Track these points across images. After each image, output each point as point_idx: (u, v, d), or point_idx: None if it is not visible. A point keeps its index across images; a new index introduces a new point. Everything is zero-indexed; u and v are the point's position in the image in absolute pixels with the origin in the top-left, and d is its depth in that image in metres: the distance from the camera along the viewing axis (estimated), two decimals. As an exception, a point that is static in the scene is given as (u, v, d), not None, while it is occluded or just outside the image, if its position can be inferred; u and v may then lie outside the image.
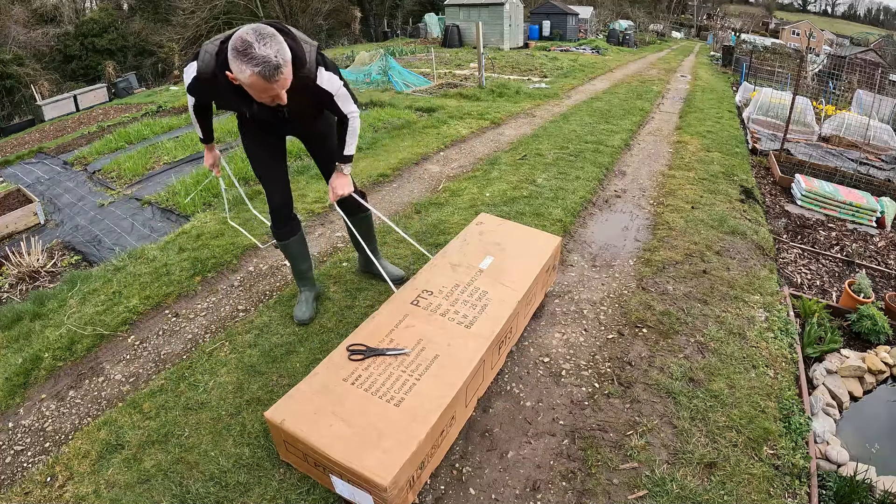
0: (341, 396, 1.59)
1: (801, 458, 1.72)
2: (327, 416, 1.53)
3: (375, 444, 1.45)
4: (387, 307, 1.99)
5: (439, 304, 1.99)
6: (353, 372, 1.68)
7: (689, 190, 4.19)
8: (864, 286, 2.69)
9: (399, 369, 1.69)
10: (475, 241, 2.41)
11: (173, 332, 2.48)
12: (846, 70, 11.92)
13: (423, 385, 1.63)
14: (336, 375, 1.67)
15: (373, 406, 1.56)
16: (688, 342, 2.32)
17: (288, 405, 1.57)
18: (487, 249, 2.34)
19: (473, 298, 2.04)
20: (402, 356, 1.74)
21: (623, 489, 1.63)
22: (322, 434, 1.47)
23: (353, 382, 1.64)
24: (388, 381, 1.65)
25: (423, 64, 12.44)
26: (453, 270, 2.20)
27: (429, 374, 1.68)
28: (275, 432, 1.60)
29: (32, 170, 6.34)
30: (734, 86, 11.78)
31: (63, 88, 18.55)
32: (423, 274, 2.18)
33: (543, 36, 23.09)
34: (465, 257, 2.28)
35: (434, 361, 1.73)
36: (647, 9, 48.98)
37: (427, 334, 1.84)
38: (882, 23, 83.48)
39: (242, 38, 1.51)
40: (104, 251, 3.57)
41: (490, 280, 2.14)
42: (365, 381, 1.65)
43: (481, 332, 1.87)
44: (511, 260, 2.28)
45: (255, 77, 1.53)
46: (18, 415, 2.05)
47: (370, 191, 4.20)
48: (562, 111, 7.40)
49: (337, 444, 1.45)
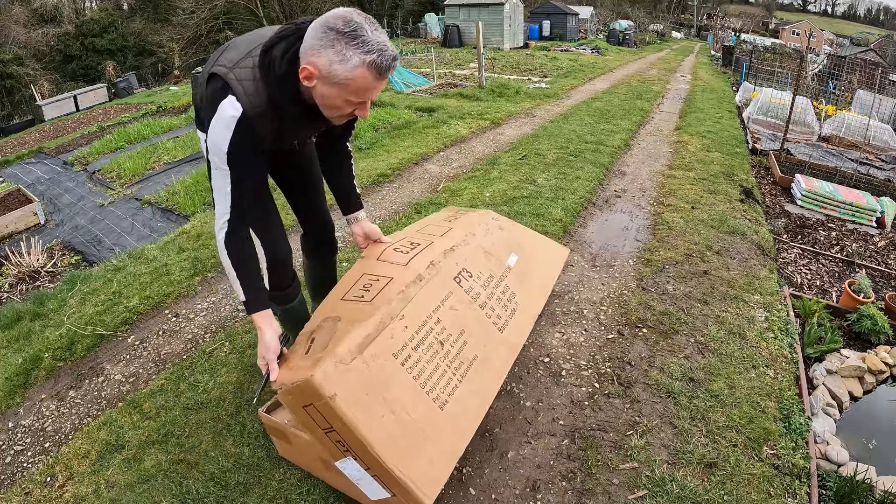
0: (390, 378, 1.37)
1: (801, 458, 1.71)
2: (379, 404, 1.31)
3: (420, 450, 1.31)
4: (436, 277, 1.70)
5: (478, 292, 1.77)
6: (404, 348, 1.44)
7: (689, 190, 4.19)
8: (864, 286, 2.69)
9: (445, 361, 1.51)
10: (498, 234, 2.11)
11: (173, 332, 2.48)
12: (846, 70, 11.92)
13: (463, 390, 1.49)
14: (388, 346, 1.42)
15: (421, 403, 1.39)
16: (688, 342, 2.32)
17: (342, 376, 1.28)
18: (511, 247, 2.08)
19: (505, 298, 1.84)
20: (446, 351, 1.53)
21: (623, 489, 1.63)
22: (373, 426, 1.27)
23: (402, 362, 1.42)
24: (434, 374, 1.46)
25: (423, 64, 12.44)
26: (486, 258, 1.92)
27: (468, 378, 1.53)
28: (300, 397, 1.29)
29: (32, 170, 6.34)
30: (734, 86, 11.78)
31: (63, 88, 18.56)
32: (462, 249, 1.87)
33: (543, 36, 23.10)
34: (495, 247, 2.01)
35: (473, 363, 1.57)
36: (647, 9, 49.00)
37: (468, 326, 1.64)
38: (882, 23, 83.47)
39: (345, 17, 1.12)
40: (104, 251, 3.57)
41: (516, 281, 1.94)
42: (415, 366, 1.43)
43: (510, 339, 1.72)
44: (531, 264, 2.08)
45: (363, 70, 1.12)
46: (18, 415, 2.05)
47: (370, 191, 4.20)
48: (562, 111, 7.40)
49: (388, 442, 1.27)
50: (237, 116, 1.19)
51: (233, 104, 1.19)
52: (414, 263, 1.68)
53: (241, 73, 1.21)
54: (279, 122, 1.27)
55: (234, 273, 1.34)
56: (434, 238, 1.89)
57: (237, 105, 1.19)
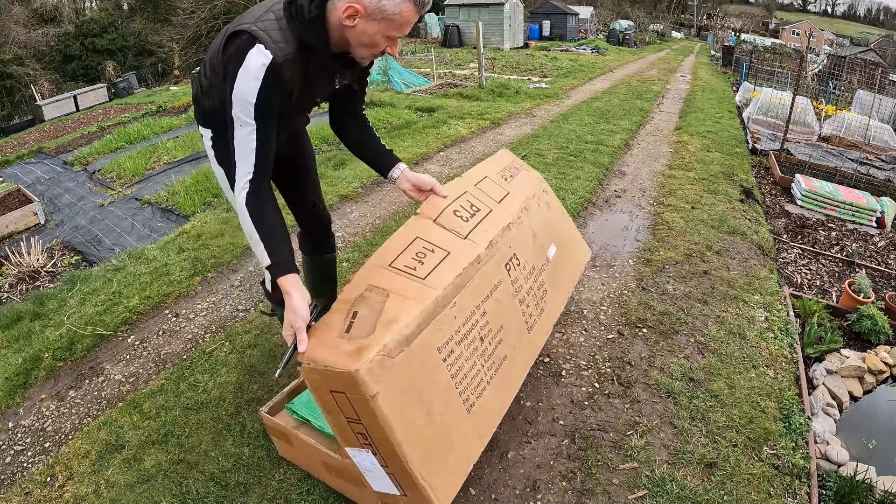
0: (430, 376, 1.26)
1: (801, 458, 1.71)
2: (415, 404, 1.22)
3: (444, 456, 1.24)
4: (492, 261, 1.57)
5: (521, 284, 1.62)
6: (448, 342, 1.32)
7: (689, 190, 4.19)
8: (864, 286, 2.69)
9: (481, 360, 1.41)
10: (545, 214, 1.90)
11: (173, 332, 2.48)
12: (846, 70, 11.92)
13: (490, 393, 1.41)
14: (434, 339, 1.28)
15: (452, 405, 1.30)
16: (688, 342, 2.32)
17: (386, 373, 1.15)
18: (553, 234, 1.90)
19: (539, 295, 1.70)
20: (484, 348, 1.42)
21: (623, 489, 1.63)
22: (408, 429, 1.18)
23: (445, 358, 1.31)
24: (469, 373, 1.36)
25: (423, 64, 12.44)
26: (533, 244, 1.75)
27: (496, 380, 1.43)
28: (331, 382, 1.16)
29: (32, 170, 6.34)
30: (734, 86, 11.78)
31: (63, 88, 18.57)
32: (517, 230, 1.69)
33: (543, 36, 23.11)
34: (541, 232, 1.82)
35: (502, 364, 1.47)
36: (647, 9, 49.01)
37: (506, 322, 1.53)
38: (882, 23, 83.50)
39: None
40: (104, 251, 3.57)
41: (550, 277, 1.79)
42: (454, 363, 1.32)
43: (535, 341, 1.63)
44: (564, 259, 1.91)
45: (409, 4, 1.19)
46: (18, 415, 2.05)
47: (370, 190, 4.20)
48: (562, 111, 7.40)
49: (417, 446, 1.19)
50: (267, 64, 1.18)
51: (262, 52, 1.18)
52: (474, 237, 1.52)
53: (265, 25, 1.21)
54: (306, 69, 1.28)
55: (258, 235, 1.26)
56: (492, 203, 1.71)
57: (266, 52, 1.18)
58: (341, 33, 1.24)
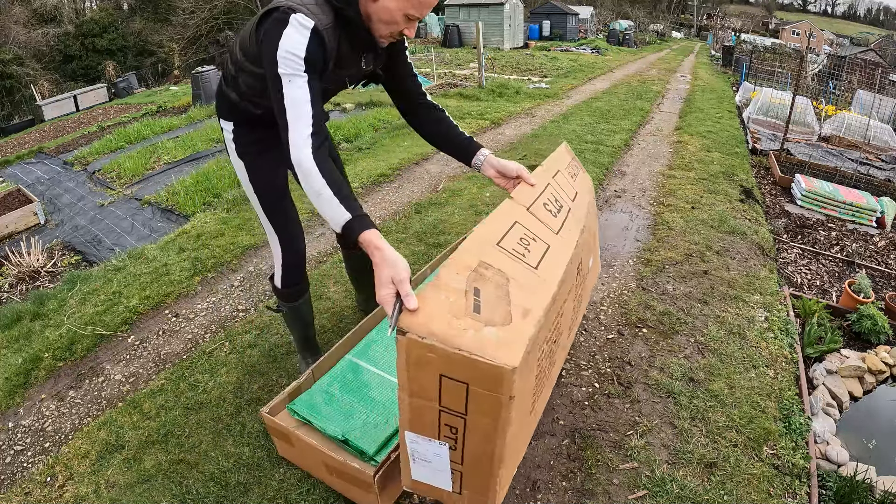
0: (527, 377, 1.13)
1: (801, 458, 1.72)
2: (517, 407, 1.08)
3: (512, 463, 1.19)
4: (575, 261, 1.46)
5: (579, 292, 1.54)
6: (544, 342, 1.24)
7: (689, 190, 4.19)
8: (864, 286, 2.69)
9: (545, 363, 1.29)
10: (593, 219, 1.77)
11: (173, 332, 2.48)
12: (846, 70, 11.93)
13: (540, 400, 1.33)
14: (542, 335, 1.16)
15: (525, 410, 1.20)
16: (688, 342, 2.32)
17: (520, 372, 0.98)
18: (595, 244, 1.79)
19: (580, 302, 1.63)
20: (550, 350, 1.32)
21: (623, 489, 1.63)
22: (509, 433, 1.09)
23: (538, 360, 1.21)
24: (538, 378, 1.26)
25: (423, 64, 12.44)
26: (589, 251, 1.68)
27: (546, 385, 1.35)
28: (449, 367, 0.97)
29: (32, 170, 6.34)
30: (734, 86, 11.78)
31: (63, 88, 18.58)
32: (586, 234, 1.58)
33: (543, 36, 23.12)
34: (592, 238, 1.72)
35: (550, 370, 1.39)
36: (647, 9, 49.02)
37: (564, 329, 1.43)
38: (882, 23, 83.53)
39: None
40: (104, 251, 3.57)
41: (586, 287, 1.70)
42: (536, 366, 1.21)
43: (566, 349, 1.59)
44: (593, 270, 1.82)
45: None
46: (18, 415, 2.05)
47: (370, 191, 4.20)
48: (562, 111, 7.40)
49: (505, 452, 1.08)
50: (311, 27, 1.20)
51: (303, 18, 1.20)
52: (564, 234, 1.44)
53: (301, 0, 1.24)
54: (339, 44, 1.31)
55: (329, 190, 1.16)
56: (569, 201, 1.63)
57: (308, 19, 1.20)
58: (366, 9, 1.28)
